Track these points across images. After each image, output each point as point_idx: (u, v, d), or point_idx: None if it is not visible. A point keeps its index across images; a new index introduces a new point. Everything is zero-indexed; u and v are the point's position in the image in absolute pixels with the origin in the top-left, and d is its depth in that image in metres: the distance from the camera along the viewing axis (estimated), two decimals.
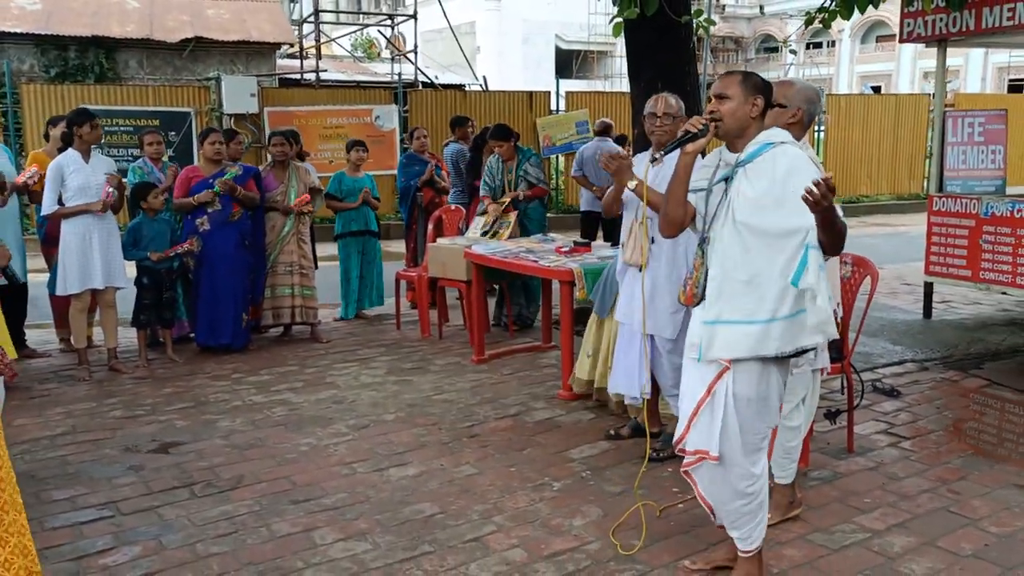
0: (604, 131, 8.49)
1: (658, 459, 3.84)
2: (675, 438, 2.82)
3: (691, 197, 2.82)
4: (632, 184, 3.62)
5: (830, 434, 4.13)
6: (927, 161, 15.17)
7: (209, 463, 3.93)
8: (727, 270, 2.63)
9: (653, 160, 3.48)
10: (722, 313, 2.63)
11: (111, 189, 5.21)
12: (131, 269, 5.59)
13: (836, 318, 3.26)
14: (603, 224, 8.15)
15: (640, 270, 3.82)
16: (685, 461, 2.78)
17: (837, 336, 2.60)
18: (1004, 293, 6.13)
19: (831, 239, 2.50)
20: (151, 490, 3.63)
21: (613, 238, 6.14)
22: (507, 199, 6.24)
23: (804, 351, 2.61)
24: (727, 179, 2.67)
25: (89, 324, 5.68)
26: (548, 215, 7.32)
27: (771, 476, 3.24)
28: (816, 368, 3.24)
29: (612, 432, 4.18)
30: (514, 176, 6.32)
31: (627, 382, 3.97)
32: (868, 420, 4.39)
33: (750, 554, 2.75)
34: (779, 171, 2.57)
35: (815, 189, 2.34)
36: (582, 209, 8.38)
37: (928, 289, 6.81)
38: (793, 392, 3.13)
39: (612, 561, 3.00)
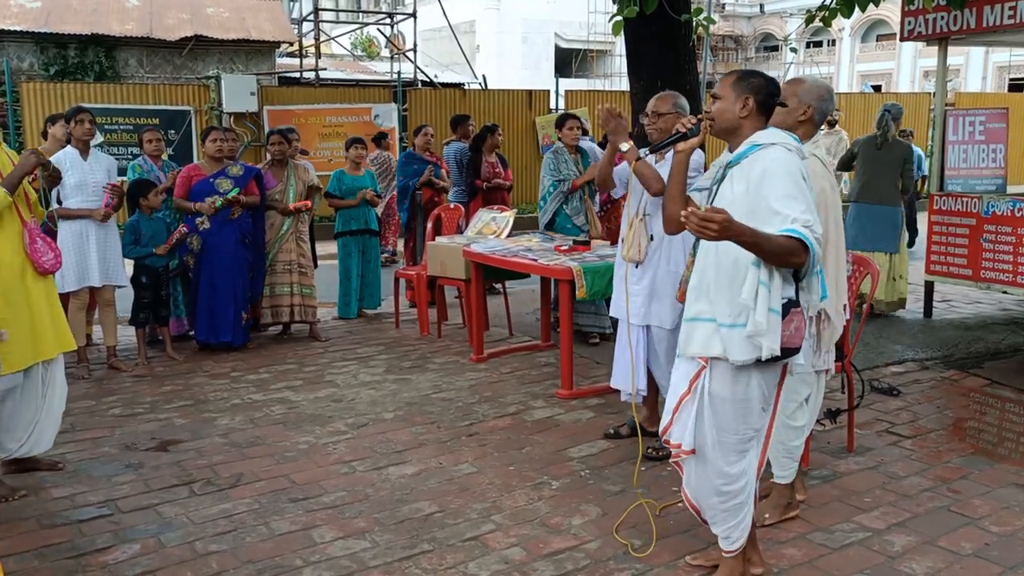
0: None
1: (656, 458, 3.84)
2: (660, 428, 2.83)
3: (698, 196, 2.83)
4: (625, 147, 3.60)
5: (830, 433, 4.12)
6: (928, 160, 15.16)
7: (208, 461, 3.92)
8: (706, 270, 2.64)
9: (638, 158, 3.51)
10: (700, 311, 2.65)
11: (111, 199, 5.24)
12: (129, 268, 5.59)
13: (843, 318, 3.25)
14: None
15: (637, 267, 3.84)
16: (673, 453, 2.80)
17: (777, 352, 2.48)
18: (1005, 292, 6.13)
19: (764, 259, 2.44)
20: (150, 488, 3.63)
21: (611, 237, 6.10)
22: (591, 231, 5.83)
23: (771, 359, 2.50)
24: (720, 180, 2.68)
25: (88, 322, 5.68)
26: (539, 213, 7.25)
27: (771, 475, 3.25)
28: (821, 369, 3.23)
29: (611, 431, 4.18)
30: (582, 168, 5.92)
31: (626, 379, 3.97)
32: (868, 419, 4.38)
33: (731, 554, 2.75)
34: (754, 175, 2.53)
35: (687, 219, 2.31)
36: None
37: (928, 288, 6.80)
38: (796, 392, 3.12)
39: (611, 560, 2.99)
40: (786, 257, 2.44)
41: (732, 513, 2.70)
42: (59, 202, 5.18)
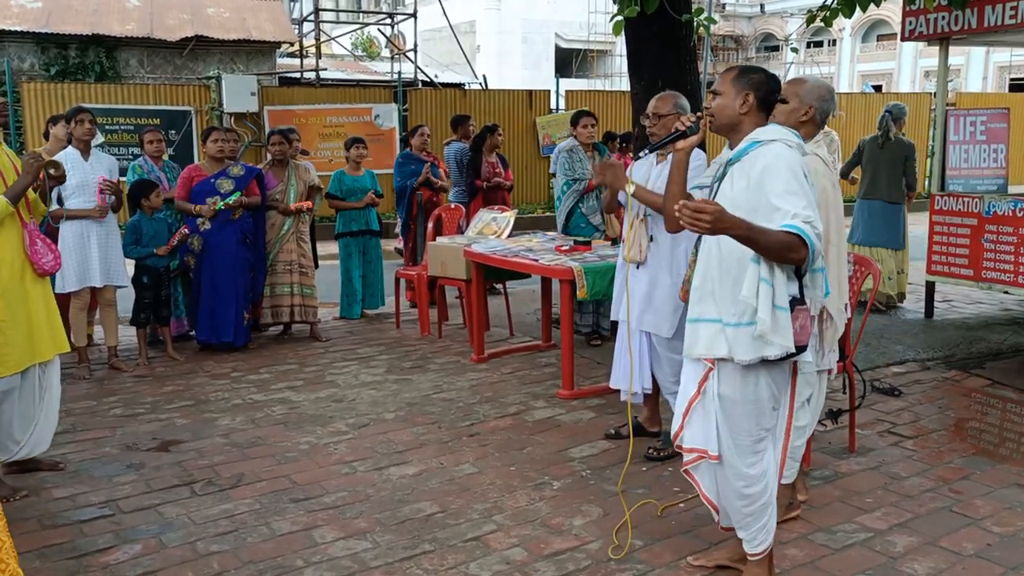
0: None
1: (657, 458, 3.84)
2: (672, 434, 2.81)
3: (698, 193, 2.82)
4: (631, 189, 3.57)
5: (832, 434, 4.12)
6: (929, 160, 15.17)
7: (209, 461, 3.92)
8: (709, 269, 2.62)
9: (637, 158, 3.50)
10: (703, 312, 2.62)
11: (107, 194, 5.23)
12: (130, 268, 5.59)
13: (845, 317, 3.25)
14: None
15: (638, 267, 3.83)
16: (685, 459, 2.77)
17: (792, 350, 2.47)
18: (1006, 292, 6.12)
19: (761, 254, 2.43)
20: (151, 488, 3.63)
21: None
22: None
23: (773, 359, 2.50)
24: (722, 178, 2.66)
25: (89, 323, 5.68)
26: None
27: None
28: (823, 369, 3.22)
29: (612, 431, 4.17)
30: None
31: (625, 379, 3.96)
32: (870, 420, 4.38)
33: (757, 557, 2.72)
34: (755, 172, 2.51)
35: (680, 211, 2.28)
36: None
37: (930, 288, 6.80)
38: (798, 392, 3.10)
39: (612, 560, 2.99)
40: (784, 252, 2.42)
41: (757, 516, 2.67)
42: (60, 203, 5.18)
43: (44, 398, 3.69)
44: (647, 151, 3.11)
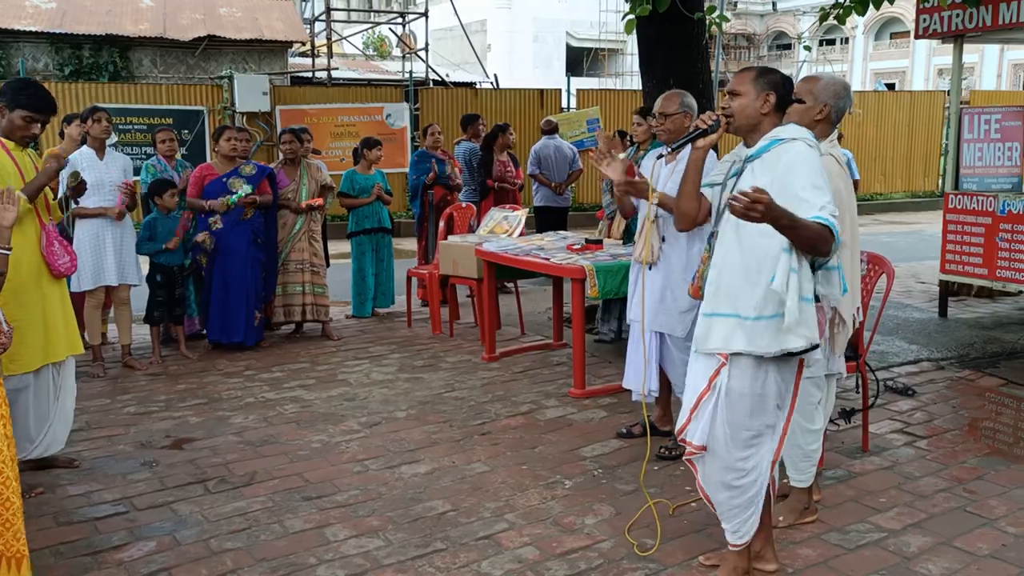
0: (552, 130, 8.64)
1: (669, 457, 3.83)
2: (677, 427, 2.82)
3: (708, 192, 2.85)
4: (654, 202, 3.47)
5: (845, 433, 4.10)
6: (942, 158, 15.09)
7: (223, 459, 3.94)
8: (726, 265, 2.65)
9: (660, 156, 3.47)
10: (718, 307, 2.66)
11: (125, 198, 5.28)
12: (145, 267, 5.62)
13: (856, 320, 3.22)
14: (559, 219, 8.08)
15: (650, 268, 3.82)
16: (687, 450, 2.79)
17: (818, 342, 2.55)
18: (1020, 292, 6.07)
19: (797, 244, 2.48)
20: (165, 486, 3.65)
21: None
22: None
23: (792, 353, 2.55)
24: (738, 174, 2.68)
25: (104, 321, 5.71)
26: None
27: (787, 477, 3.23)
28: (832, 374, 3.21)
29: (624, 430, 4.17)
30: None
31: (637, 379, 3.96)
32: (883, 419, 4.36)
33: (738, 548, 2.76)
34: (780, 168, 2.56)
35: (735, 203, 2.32)
36: (536, 204, 8.41)
37: (944, 287, 6.76)
38: (810, 394, 3.09)
39: (625, 559, 2.99)
40: (817, 243, 2.48)
41: (743, 508, 2.70)
42: (76, 202, 5.21)
43: (59, 398, 3.72)
44: (669, 149, 3.08)
